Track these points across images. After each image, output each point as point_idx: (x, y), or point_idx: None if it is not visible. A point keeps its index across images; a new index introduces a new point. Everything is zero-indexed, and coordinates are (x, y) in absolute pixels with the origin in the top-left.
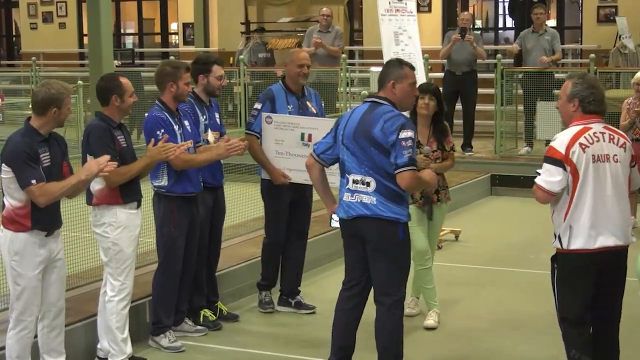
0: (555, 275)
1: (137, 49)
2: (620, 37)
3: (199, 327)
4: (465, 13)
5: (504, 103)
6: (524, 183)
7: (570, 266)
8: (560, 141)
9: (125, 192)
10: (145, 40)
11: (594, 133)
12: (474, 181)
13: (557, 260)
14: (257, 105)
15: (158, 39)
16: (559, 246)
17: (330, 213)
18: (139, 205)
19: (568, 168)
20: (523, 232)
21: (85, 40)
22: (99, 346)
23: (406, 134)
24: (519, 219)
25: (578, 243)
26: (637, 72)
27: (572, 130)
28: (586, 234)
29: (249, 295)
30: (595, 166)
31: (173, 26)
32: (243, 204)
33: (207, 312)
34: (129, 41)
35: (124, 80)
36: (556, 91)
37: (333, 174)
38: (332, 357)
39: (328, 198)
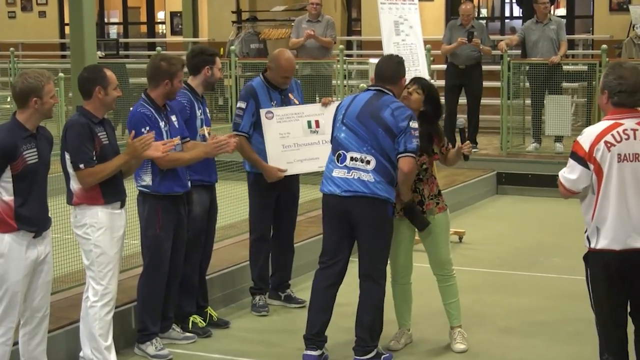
0: (588, 274)
1: (121, 39)
2: (634, 26)
3: (187, 334)
4: (468, 5)
5: (510, 97)
6: (532, 181)
7: (598, 266)
8: (586, 136)
9: (106, 192)
10: (130, 30)
11: (624, 130)
12: (479, 179)
13: (587, 260)
14: (242, 105)
15: (144, 28)
16: (588, 245)
17: None
18: (122, 205)
19: (591, 166)
20: (532, 234)
21: (67, 29)
22: (81, 354)
23: (415, 124)
24: (527, 219)
25: (603, 243)
26: None
27: (601, 125)
28: (612, 235)
29: (240, 300)
30: (620, 166)
31: (160, 15)
32: (234, 204)
33: (196, 318)
34: (113, 31)
35: (108, 72)
36: (565, 84)
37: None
38: (308, 334)
39: None
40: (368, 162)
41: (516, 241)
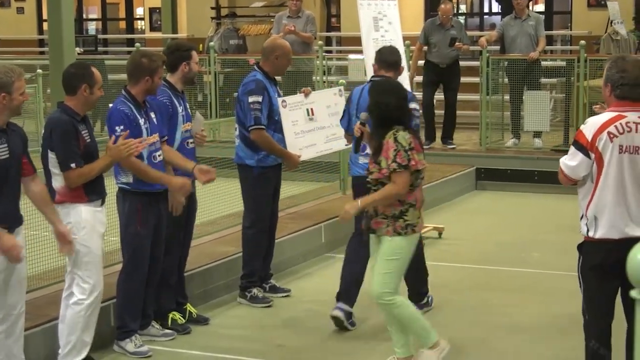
0: (580, 263)
1: (100, 36)
2: (612, 22)
3: (167, 331)
4: (448, 5)
5: (489, 92)
6: (511, 177)
7: (595, 255)
8: (589, 126)
9: (90, 189)
10: (109, 26)
11: (627, 122)
12: (458, 175)
13: (582, 249)
14: (258, 99)
15: (123, 24)
16: (585, 234)
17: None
18: (103, 203)
19: (592, 155)
20: (511, 229)
21: (45, 26)
22: (60, 352)
23: (415, 105)
24: (506, 214)
25: (600, 232)
26: None
27: (605, 116)
28: (609, 224)
29: (219, 297)
30: (620, 157)
31: (139, 11)
32: (213, 201)
33: (175, 315)
34: (92, 27)
35: (95, 71)
36: (544, 80)
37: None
38: (344, 304)
39: None
40: None
41: (496, 236)
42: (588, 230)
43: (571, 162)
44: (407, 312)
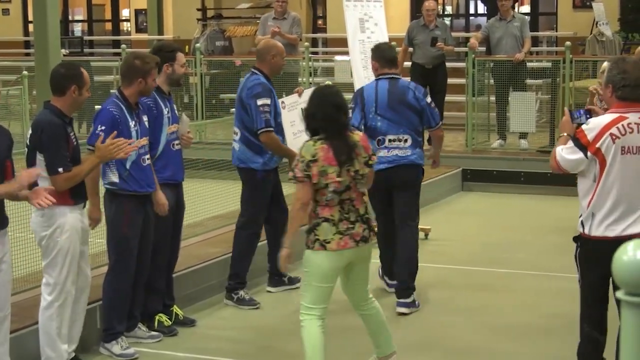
0: (577, 253)
1: (86, 37)
2: (597, 23)
3: (153, 333)
4: (431, 2)
5: (475, 94)
6: (497, 178)
7: (589, 251)
8: (592, 127)
9: (74, 192)
10: (95, 28)
11: (629, 124)
12: (444, 176)
13: (579, 241)
14: (267, 101)
15: (109, 26)
16: (582, 231)
17: None
18: (85, 206)
19: (590, 155)
20: (497, 230)
21: (31, 27)
22: (43, 357)
23: (429, 98)
24: (492, 215)
25: (599, 230)
26: None
27: (607, 117)
28: (607, 223)
29: (206, 298)
30: (623, 158)
31: (125, 12)
32: (200, 202)
33: (162, 317)
34: (78, 29)
35: (84, 72)
36: (529, 81)
37: None
38: (407, 283)
39: None
40: (405, 141)
41: (482, 237)
42: (584, 227)
43: (569, 156)
44: (306, 341)
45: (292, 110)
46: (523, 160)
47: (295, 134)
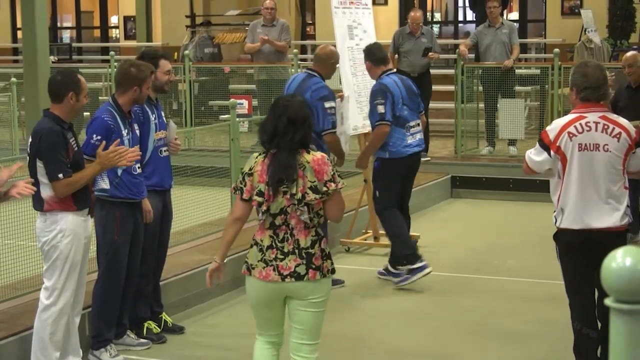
0: (557, 250)
1: (74, 44)
2: (585, 30)
3: (142, 340)
4: (418, 12)
5: (464, 100)
6: (486, 185)
7: (562, 243)
8: (553, 127)
9: (77, 198)
10: (84, 35)
11: (587, 122)
12: (433, 183)
13: (556, 237)
14: (333, 104)
15: (97, 33)
16: (555, 224)
17: None
18: (89, 212)
19: (552, 153)
20: (486, 237)
21: (19, 34)
22: None
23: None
24: (481, 222)
25: (566, 222)
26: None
27: (567, 118)
28: (573, 215)
29: (195, 305)
30: (581, 154)
31: (113, 19)
32: (189, 209)
33: (151, 324)
34: (66, 35)
35: (82, 79)
36: (518, 88)
37: None
38: (418, 258)
39: None
40: (418, 125)
41: (471, 244)
42: (556, 221)
43: (536, 157)
44: None
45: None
46: (512, 167)
47: (340, 134)
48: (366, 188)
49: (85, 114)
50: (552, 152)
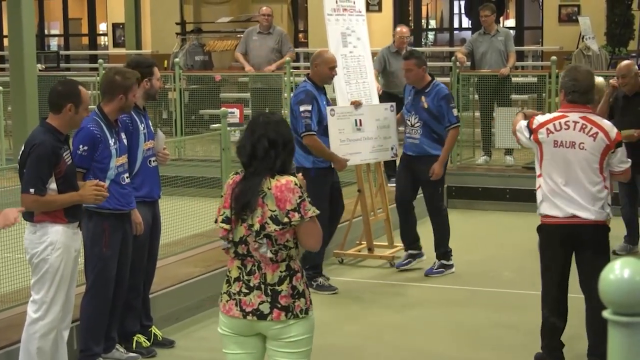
0: (538, 241)
1: (62, 52)
2: (583, 37)
3: (131, 354)
4: (404, 28)
5: (460, 109)
6: (482, 195)
7: (541, 232)
8: (540, 118)
9: (68, 211)
10: (72, 42)
11: (566, 122)
12: None
13: (539, 229)
14: (308, 107)
15: (85, 40)
16: (538, 214)
17: None
18: (79, 225)
19: (531, 139)
20: (482, 247)
21: (6, 42)
22: None
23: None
24: (478, 232)
25: (545, 214)
26: (599, 75)
27: (551, 115)
28: (548, 207)
29: (185, 319)
30: (555, 150)
31: (102, 27)
32: (179, 220)
33: (140, 338)
34: (54, 43)
35: (83, 91)
36: (515, 96)
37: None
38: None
39: None
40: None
41: (466, 255)
42: (539, 210)
43: (520, 131)
44: None
45: (343, 119)
46: (509, 176)
47: (343, 141)
48: (360, 198)
49: None
50: (531, 138)
